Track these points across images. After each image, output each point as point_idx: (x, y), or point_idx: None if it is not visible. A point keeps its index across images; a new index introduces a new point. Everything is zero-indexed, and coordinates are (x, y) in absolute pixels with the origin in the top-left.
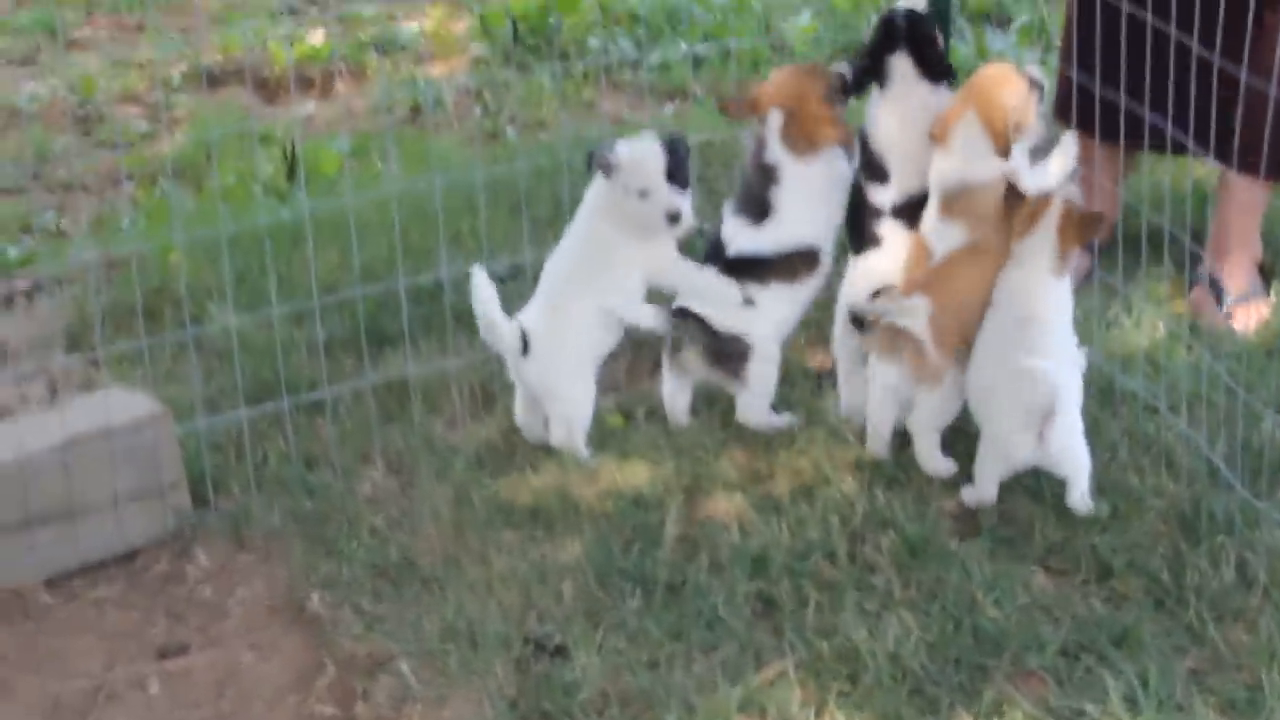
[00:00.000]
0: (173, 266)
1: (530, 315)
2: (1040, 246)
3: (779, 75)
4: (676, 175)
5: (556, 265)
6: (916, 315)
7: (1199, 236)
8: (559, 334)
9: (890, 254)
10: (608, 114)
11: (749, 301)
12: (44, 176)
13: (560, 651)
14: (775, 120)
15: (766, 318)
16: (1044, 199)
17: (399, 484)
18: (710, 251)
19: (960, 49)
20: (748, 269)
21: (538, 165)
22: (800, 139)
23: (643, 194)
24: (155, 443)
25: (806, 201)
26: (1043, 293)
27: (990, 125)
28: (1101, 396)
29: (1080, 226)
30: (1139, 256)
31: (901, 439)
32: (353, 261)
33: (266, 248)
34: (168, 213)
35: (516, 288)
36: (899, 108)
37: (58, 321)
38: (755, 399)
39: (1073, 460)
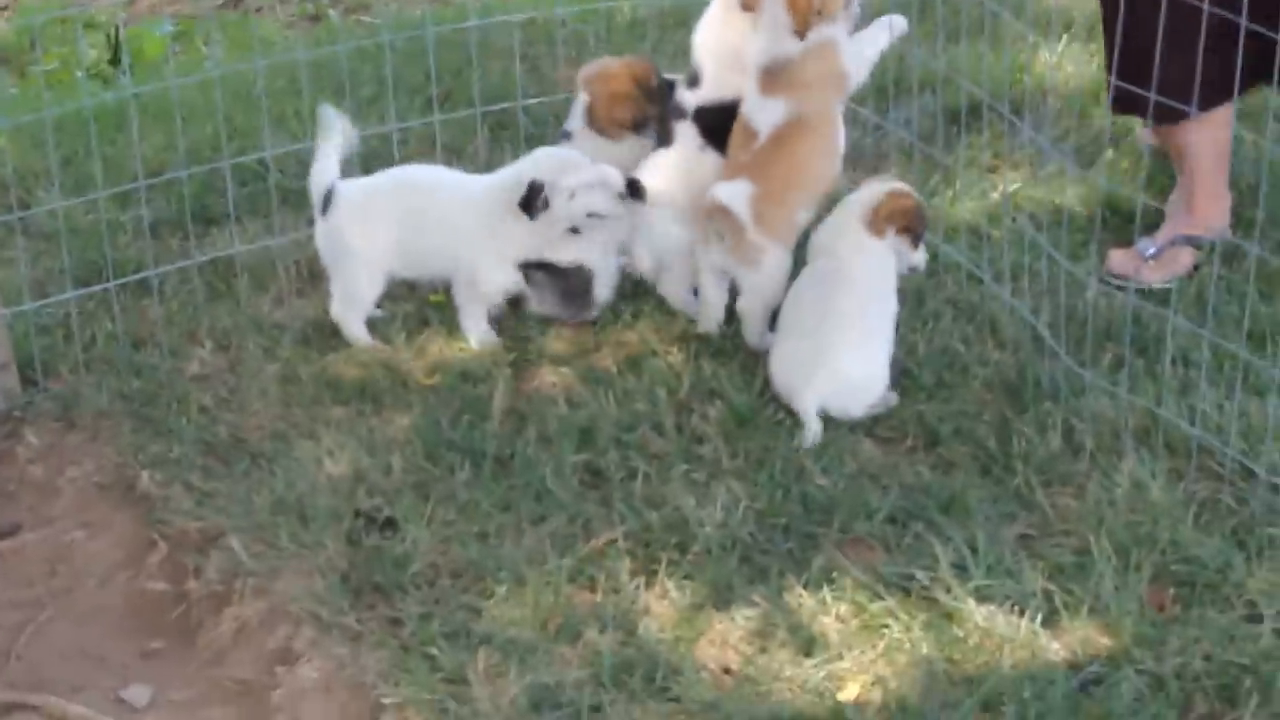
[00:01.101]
0: None
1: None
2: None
3: None
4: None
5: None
6: (737, 199)
7: (1016, 109)
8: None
9: (679, 152)
10: None
11: None
12: None
13: (390, 524)
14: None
15: None
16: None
17: (227, 362)
18: None
19: None
20: None
21: (360, 47)
22: None
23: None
24: None
25: None
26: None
27: (793, 4)
28: (926, 267)
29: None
30: (959, 128)
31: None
32: (178, 143)
33: (91, 131)
34: None
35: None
36: (716, 16)
37: None
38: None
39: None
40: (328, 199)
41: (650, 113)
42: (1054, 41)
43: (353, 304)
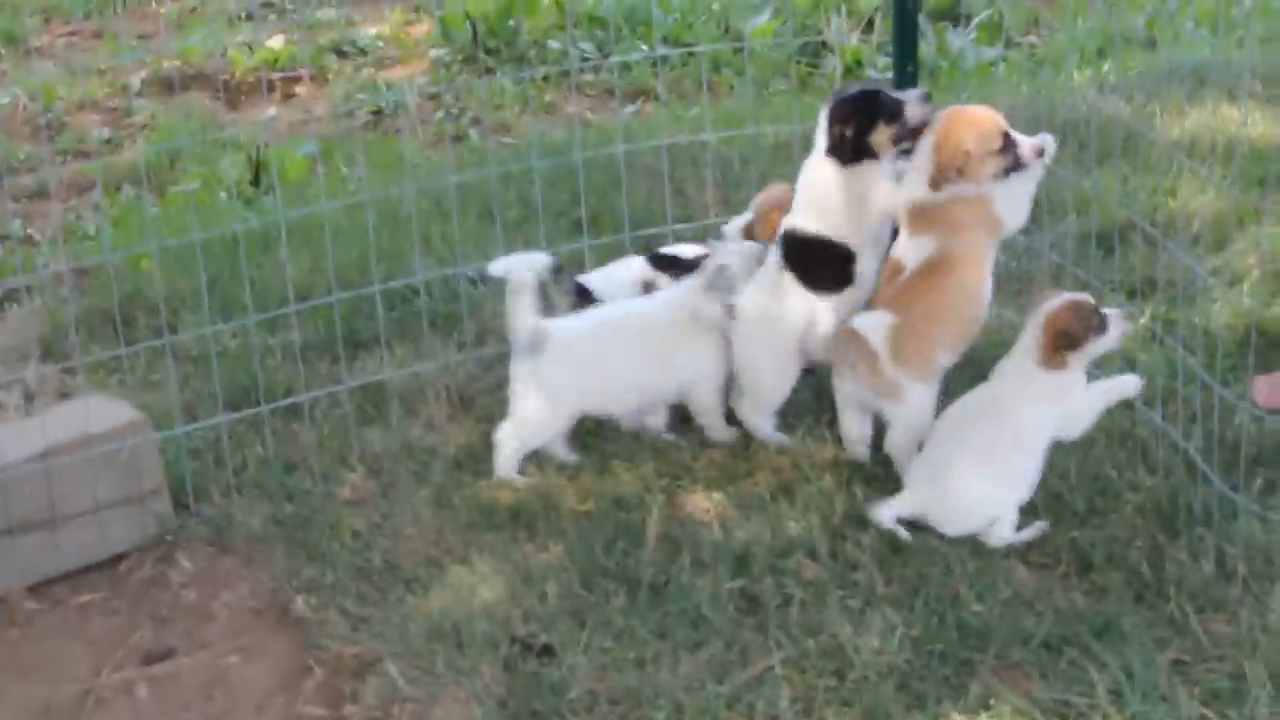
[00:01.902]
0: (145, 274)
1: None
2: (1029, 337)
3: None
4: None
5: None
6: (874, 330)
7: (1167, 232)
8: None
9: (764, 271)
10: (571, 116)
11: None
12: (8, 185)
13: (547, 651)
14: None
15: None
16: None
17: (379, 487)
18: None
19: (922, 47)
20: None
21: (505, 171)
22: None
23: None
24: (135, 450)
25: None
26: (1024, 375)
27: (937, 161)
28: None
29: (1066, 334)
30: (1109, 250)
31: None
32: (325, 266)
33: (240, 253)
34: (134, 219)
35: (488, 290)
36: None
37: (30, 330)
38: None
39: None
40: (536, 338)
41: None
42: (1198, 162)
43: (529, 437)
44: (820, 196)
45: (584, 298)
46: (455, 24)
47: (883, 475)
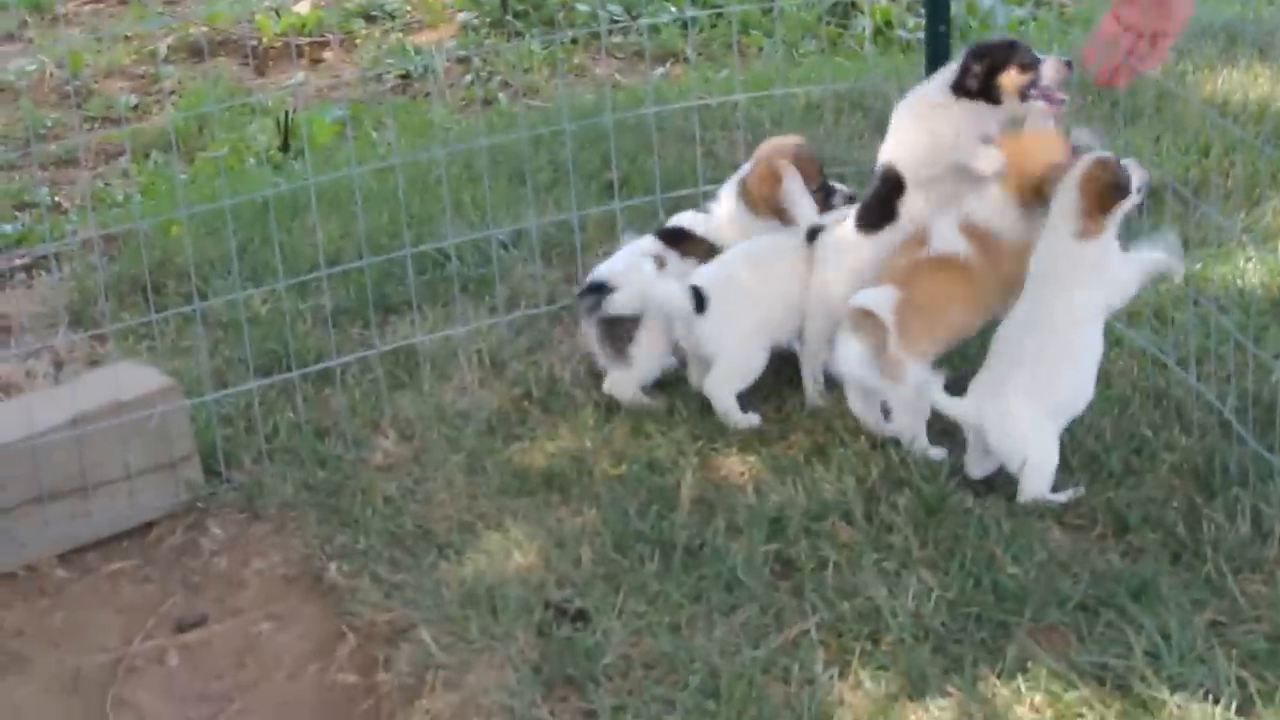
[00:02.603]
0: (174, 240)
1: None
2: (1061, 207)
3: None
4: None
5: None
6: (883, 305)
7: (1199, 191)
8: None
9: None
10: (600, 78)
11: None
12: (36, 153)
13: (581, 616)
14: None
15: None
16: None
17: (411, 452)
18: None
19: (951, 6)
20: None
21: (536, 134)
22: None
23: None
24: (166, 417)
25: None
26: (1058, 255)
27: (1014, 180)
28: (1109, 353)
29: (1104, 188)
30: (1139, 210)
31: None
32: (355, 231)
33: (270, 219)
34: (163, 186)
35: (519, 253)
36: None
37: (59, 298)
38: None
39: (1015, 459)
40: (698, 298)
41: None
42: (1230, 121)
43: (738, 381)
44: (905, 125)
45: (599, 291)
46: None
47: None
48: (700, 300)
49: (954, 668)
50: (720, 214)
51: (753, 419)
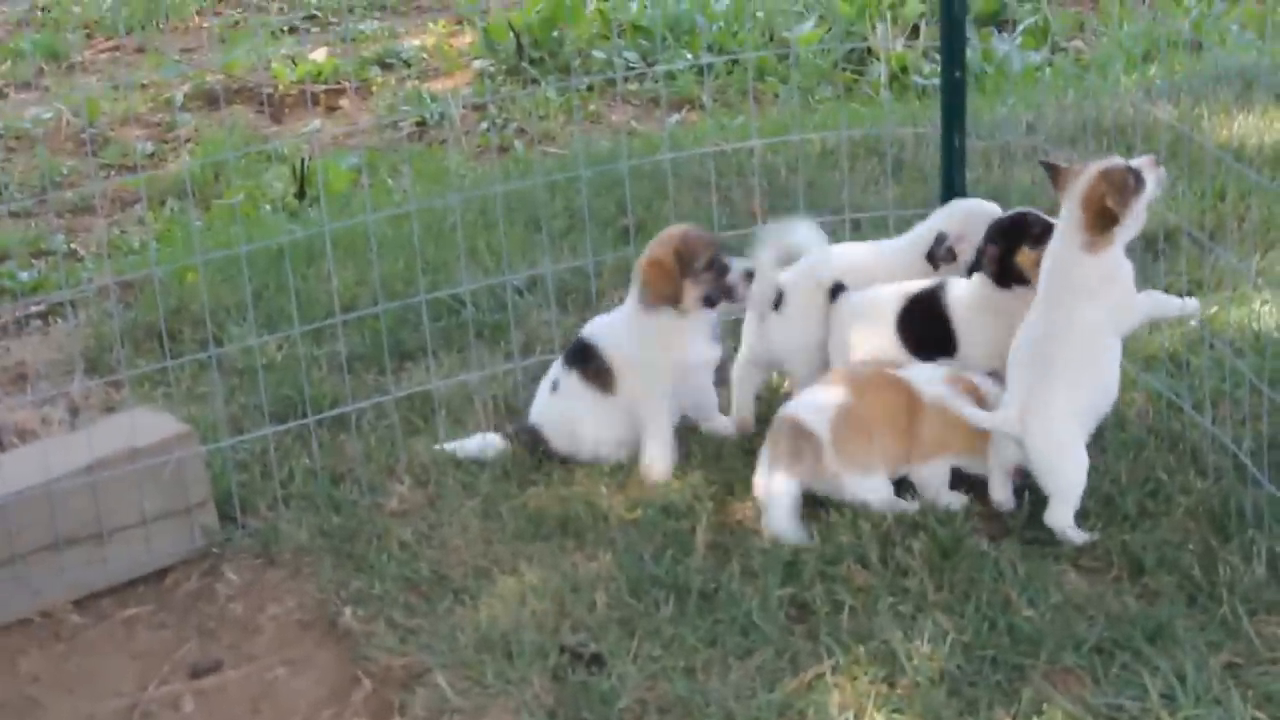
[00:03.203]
0: (190, 287)
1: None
2: (1068, 218)
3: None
4: None
5: None
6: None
7: (1214, 235)
8: None
9: None
10: (616, 125)
11: None
12: (52, 200)
13: (596, 660)
14: None
15: None
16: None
17: (426, 497)
18: None
19: (968, 53)
20: None
21: (551, 180)
22: None
23: None
24: (181, 463)
25: None
26: (1068, 267)
27: None
28: (1125, 395)
29: (1106, 197)
30: (1156, 254)
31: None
32: (371, 277)
33: (285, 265)
34: (179, 233)
35: (535, 299)
36: None
37: (75, 344)
38: None
39: (1051, 474)
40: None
41: None
42: (1246, 165)
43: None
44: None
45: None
46: (499, 34)
47: None
48: None
49: (969, 710)
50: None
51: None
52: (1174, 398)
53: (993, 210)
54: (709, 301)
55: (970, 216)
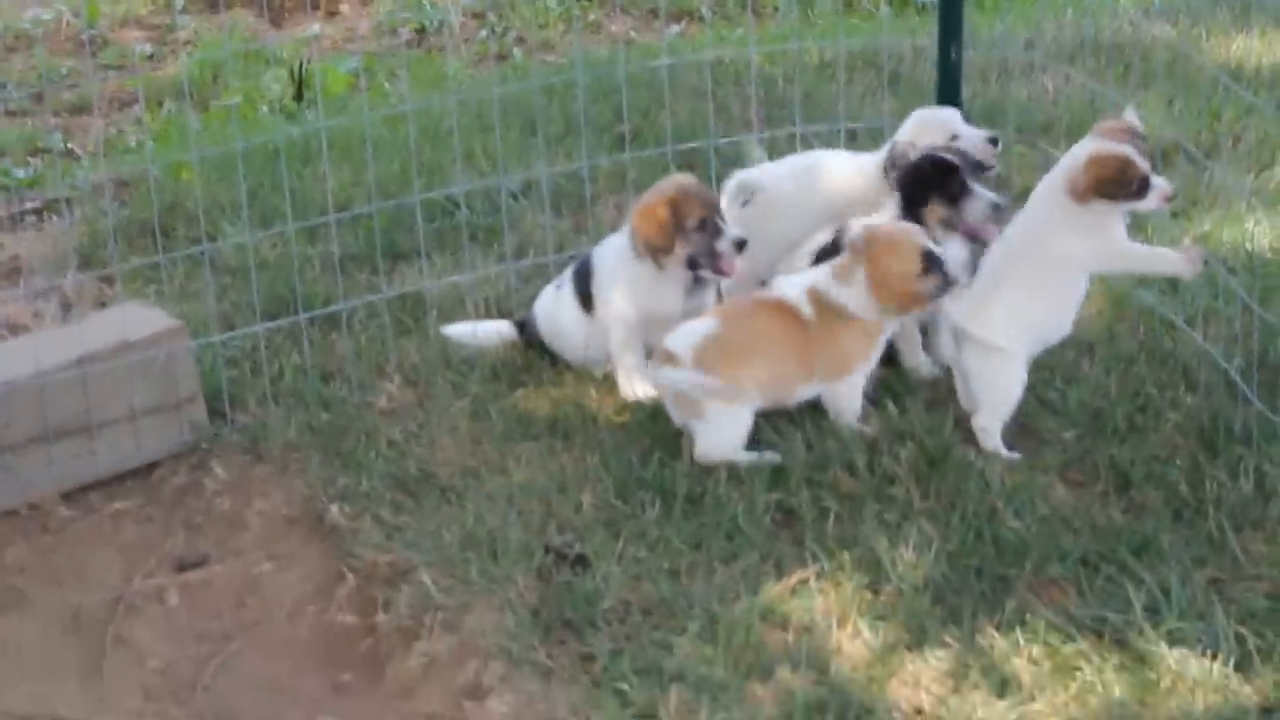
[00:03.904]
0: (185, 185)
1: None
2: (1070, 162)
3: None
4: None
5: None
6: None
7: (1210, 154)
8: None
9: None
10: (615, 34)
11: None
12: (50, 100)
13: (581, 561)
14: None
15: None
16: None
17: (415, 397)
18: None
19: None
20: None
21: (548, 85)
22: None
23: None
24: (171, 357)
25: None
26: (1054, 197)
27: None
28: (1117, 310)
29: (1107, 183)
30: (1155, 171)
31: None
32: (366, 178)
33: (281, 165)
34: (175, 133)
35: (529, 203)
36: None
37: (69, 240)
38: None
39: (981, 380)
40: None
41: None
42: (1243, 87)
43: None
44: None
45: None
46: None
47: (920, 391)
48: None
49: (953, 619)
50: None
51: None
52: (1166, 314)
53: (948, 119)
54: (693, 264)
55: (923, 125)
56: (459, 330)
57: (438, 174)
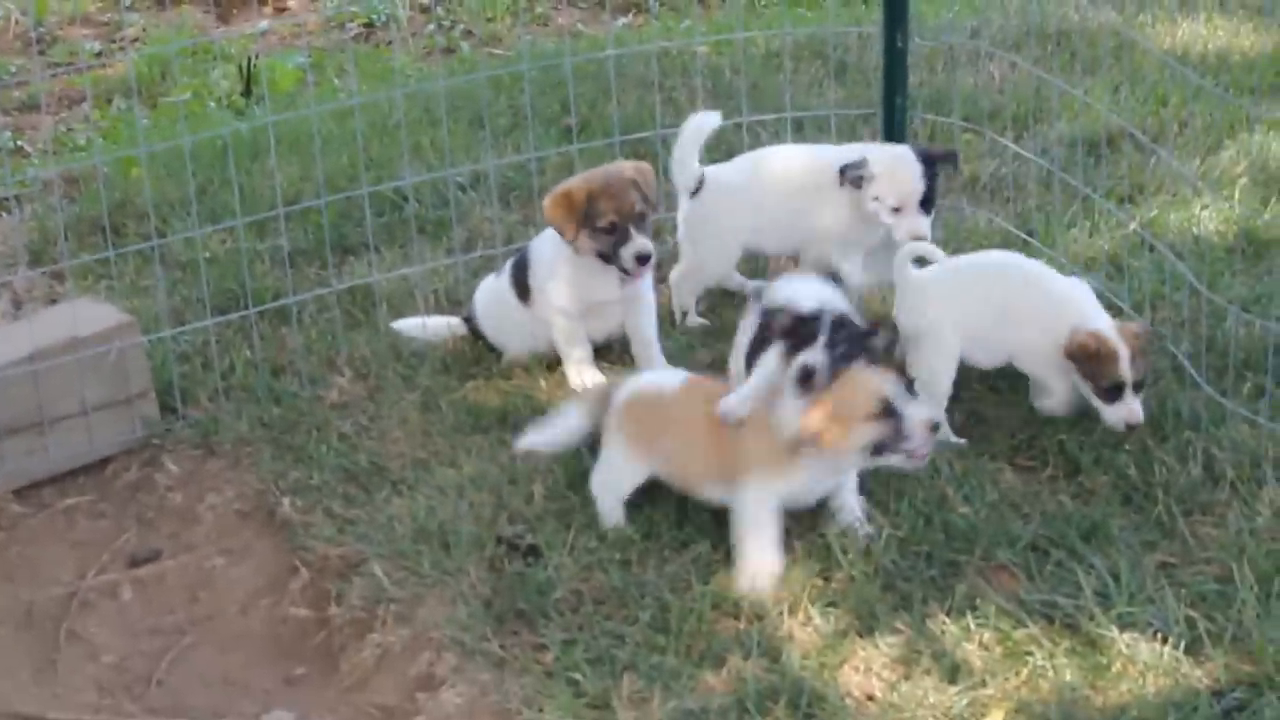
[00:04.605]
0: (134, 181)
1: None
2: None
3: None
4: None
5: None
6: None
7: (1157, 139)
8: None
9: None
10: (563, 27)
11: None
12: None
13: (533, 551)
14: None
15: None
16: None
17: (366, 390)
18: None
19: None
20: None
21: (496, 78)
22: None
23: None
24: (123, 353)
25: None
26: None
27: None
28: None
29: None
30: (1097, 158)
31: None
32: (315, 173)
33: (229, 160)
34: (124, 131)
35: (477, 195)
36: None
37: (19, 238)
38: None
39: (918, 356)
40: (699, 184)
41: None
42: (1190, 69)
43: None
44: None
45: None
46: None
47: None
48: None
49: (903, 605)
50: None
51: None
52: (1114, 299)
53: (915, 175)
54: (602, 256)
55: (897, 163)
56: (408, 325)
57: (386, 168)
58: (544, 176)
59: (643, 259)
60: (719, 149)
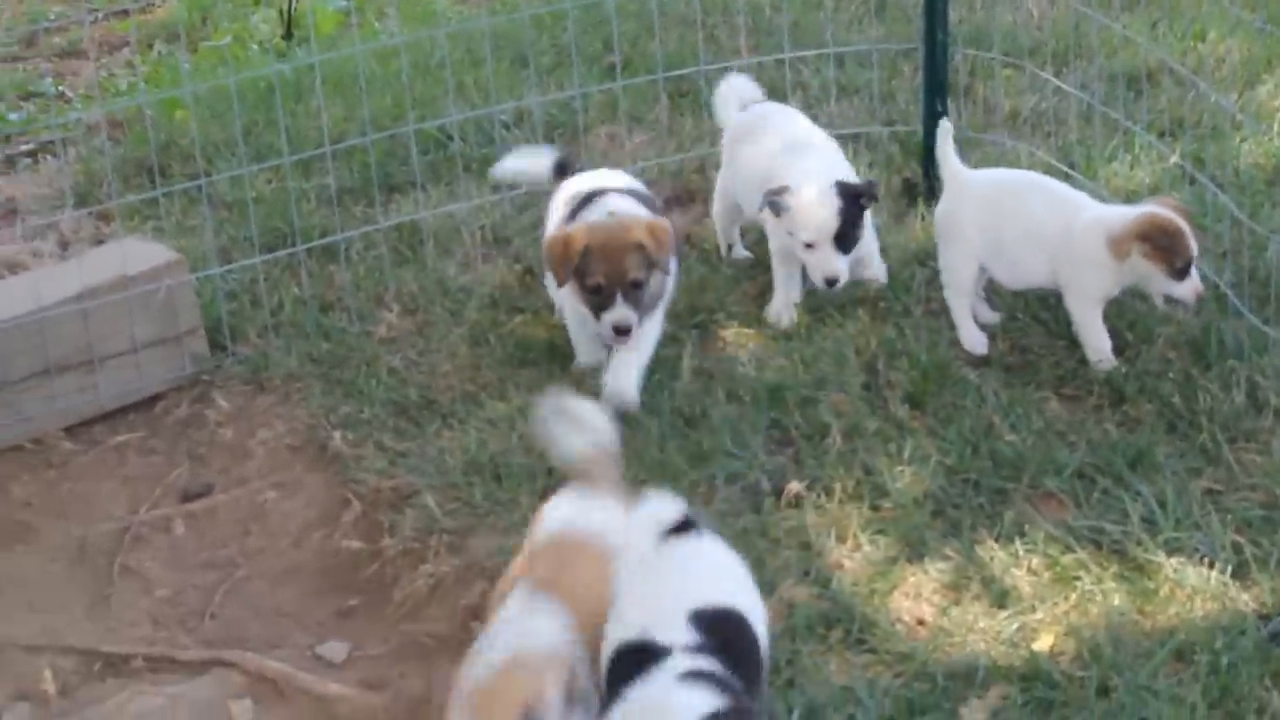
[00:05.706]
0: (179, 124)
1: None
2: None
3: None
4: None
5: None
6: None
7: (1197, 73)
8: None
9: None
10: None
11: None
12: (41, 44)
13: None
14: None
15: None
16: None
17: (414, 325)
18: None
19: None
20: None
21: (538, 17)
22: None
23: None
24: (172, 290)
25: None
26: None
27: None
28: None
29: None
30: (1137, 91)
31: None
32: (359, 113)
33: (275, 101)
34: (166, 75)
35: (521, 133)
36: None
37: (64, 180)
38: None
39: None
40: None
41: None
42: (1229, 3)
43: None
44: None
45: None
46: None
47: (914, 311)
48: None
49: (952, 532)
50: None
51: None
52: None
53: (830, 212)
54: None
55: (814, 195)
56: (509, 166)
57: (430, 107)
58: (588, 114)
59: (620, 330)
60: (761, 81)
